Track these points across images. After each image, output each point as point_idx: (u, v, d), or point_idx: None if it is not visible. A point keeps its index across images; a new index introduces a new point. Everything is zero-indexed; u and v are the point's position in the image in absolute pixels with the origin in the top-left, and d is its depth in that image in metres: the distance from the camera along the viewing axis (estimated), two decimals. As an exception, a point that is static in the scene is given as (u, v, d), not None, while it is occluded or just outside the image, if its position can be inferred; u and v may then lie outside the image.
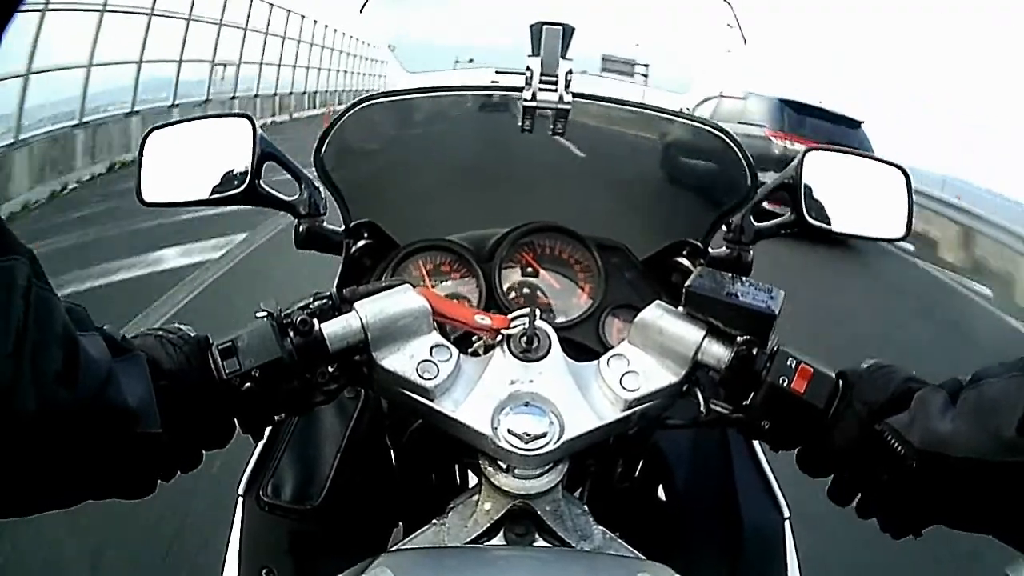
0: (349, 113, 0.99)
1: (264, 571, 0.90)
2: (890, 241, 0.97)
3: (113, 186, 7.39)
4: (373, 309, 0.70)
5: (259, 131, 0.97)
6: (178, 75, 10.99)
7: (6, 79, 6.79)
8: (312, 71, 19.63)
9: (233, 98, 13.68)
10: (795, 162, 0.94)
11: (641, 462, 0.99)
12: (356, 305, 0.71)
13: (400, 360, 0.70)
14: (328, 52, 21.01)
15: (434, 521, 0.76)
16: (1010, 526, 0.61)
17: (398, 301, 0.71)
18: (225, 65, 12.84)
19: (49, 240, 5.24)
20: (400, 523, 0.99)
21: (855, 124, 9.26)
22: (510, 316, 0.74)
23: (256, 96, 15.22)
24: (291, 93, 18.15)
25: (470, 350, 0.78)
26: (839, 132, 8.77)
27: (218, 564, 0.92)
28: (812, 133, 8.51)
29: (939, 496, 0.63)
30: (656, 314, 0.72)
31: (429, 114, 1.12)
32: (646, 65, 1.33)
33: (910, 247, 8.69)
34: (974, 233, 9.31)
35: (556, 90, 0.86)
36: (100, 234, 5.67)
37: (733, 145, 0.99)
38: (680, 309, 0.72)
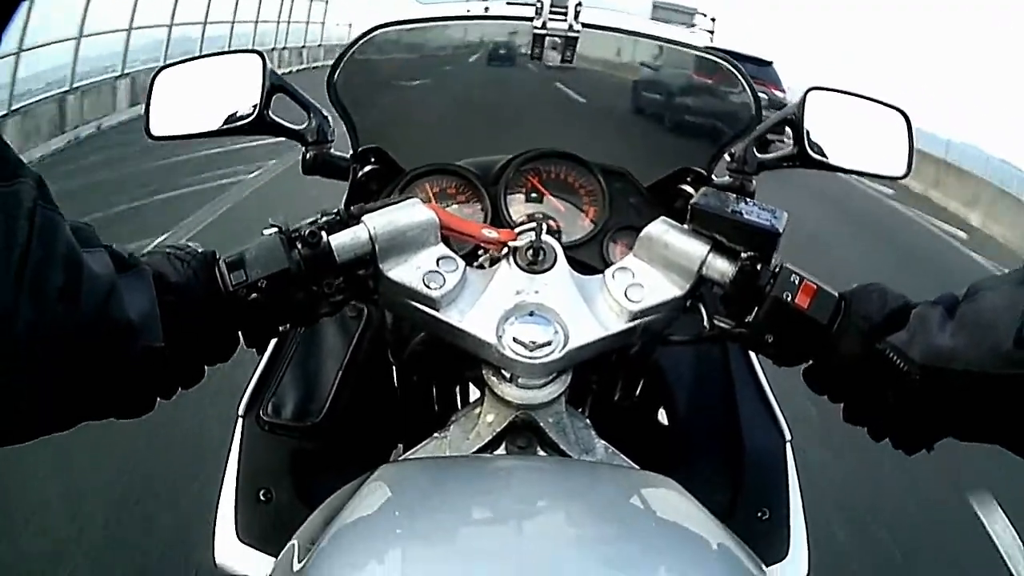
0: (363, 40, 1.00)
1: (262, 491, 0.90)
2: (891, 179, 0.98)
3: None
4: (381, 221, 0.71)
5: (269, 65, 0.97)
6: (168, 39, 11.49)
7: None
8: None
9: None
10: (798, 99, 0.95)
11: (642, 382, 1.00)
12: (364, 218, 0.72)
13: (406, 271, 0.71)
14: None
15: (435, 435, 0.77)
16: (1016, 436, 0.62)
17: (407, 214, 0.72)
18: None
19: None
20: (401, 443, 1.01)
21: (765, 63, 11.59)
22: (517, 230, 0.75)
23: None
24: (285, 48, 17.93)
25: (476, 263, 0.79)
26: (751, 69, 11.22)
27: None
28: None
29: (945, 410, 0.64)
30: (662, 229, 0.73)
31: (440, 42, 1.14)
32: (713, 19, 1.31)
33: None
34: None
35: (566, 19, 0.88)
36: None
37: (738, 75, 1.00)
38: (685, 226, 0.73)
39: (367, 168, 1.06)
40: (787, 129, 0.92)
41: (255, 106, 0.96)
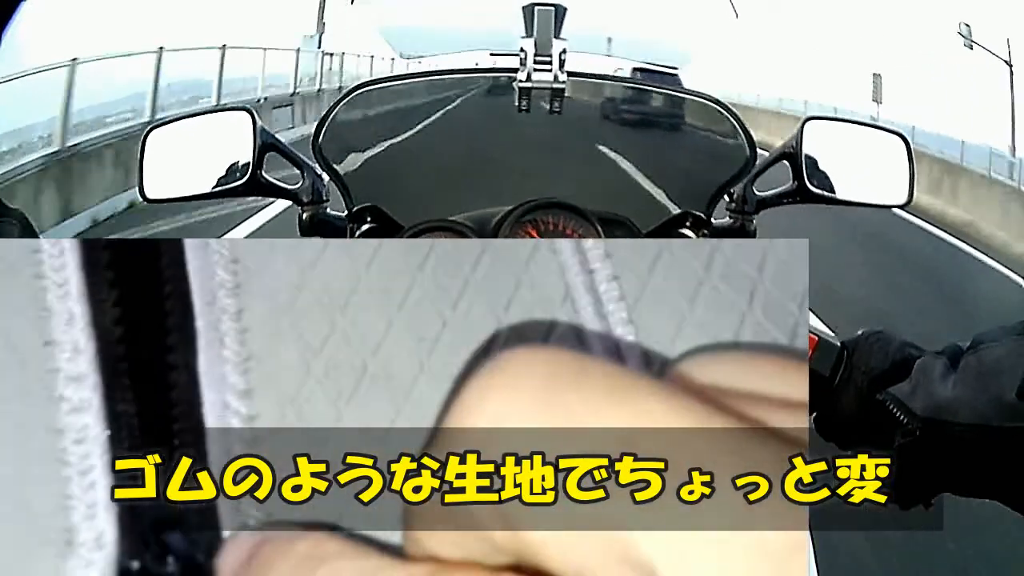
0: (345, 100, 0.99)
1: None
2: (893, 207, 0.96)
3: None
4: None
5: (259, 123, 0.97)
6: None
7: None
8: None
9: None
10: (795, 131, 0.93)
11: None
12: None
13: None
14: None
15: None
16: (1016, 492, 0.60)
17: None
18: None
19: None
20: None
21: (671, 73, 13.68)
22: None
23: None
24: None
25: None
26: (658, 79, 13.24)
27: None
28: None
29: (945, 464, 0.62)
30: None
31: (425, 97, 1.12)
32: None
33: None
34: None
35: (551, 70, 0.87)
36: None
37: (729, 116, 0.99)
38: None
39: (364, 227, 1.05)
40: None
41: (247, 165, 0.96)
